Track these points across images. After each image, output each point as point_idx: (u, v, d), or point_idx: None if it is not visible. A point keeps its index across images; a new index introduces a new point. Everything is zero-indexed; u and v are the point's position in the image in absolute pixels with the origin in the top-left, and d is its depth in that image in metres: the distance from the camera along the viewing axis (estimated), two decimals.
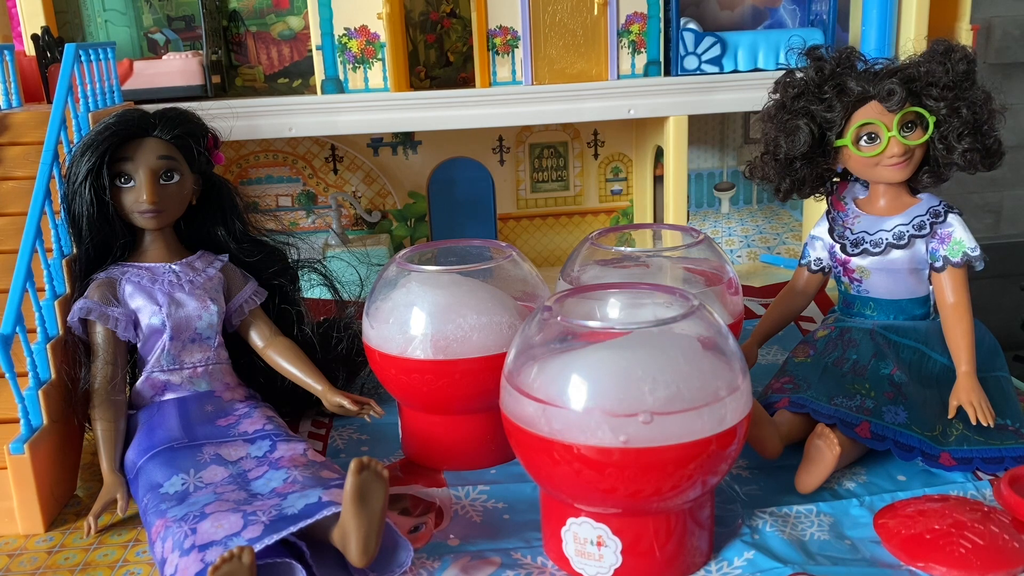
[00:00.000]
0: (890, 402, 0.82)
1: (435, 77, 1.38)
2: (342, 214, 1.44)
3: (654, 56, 1.25)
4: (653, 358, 0.63)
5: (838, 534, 0.73)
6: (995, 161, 0.88)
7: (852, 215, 0.91)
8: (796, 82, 0.89)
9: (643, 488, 0.63)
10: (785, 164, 0.90)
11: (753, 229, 1.51)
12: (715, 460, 0.64)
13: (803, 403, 0.83)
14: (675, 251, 0.94)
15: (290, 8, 1.34)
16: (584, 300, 0.75)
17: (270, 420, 0.84)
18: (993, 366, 0.89)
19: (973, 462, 0.80)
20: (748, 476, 0.83)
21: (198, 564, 0.63)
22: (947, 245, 0.86)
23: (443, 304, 0.82)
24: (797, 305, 0.97)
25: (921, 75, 0.85)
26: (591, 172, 1.47)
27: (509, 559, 0.71)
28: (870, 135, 0.86)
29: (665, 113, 1.26)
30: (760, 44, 1.26)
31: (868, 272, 0.90)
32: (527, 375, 0.66)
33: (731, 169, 1.49)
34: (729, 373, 0.65)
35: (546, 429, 0.63)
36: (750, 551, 0.71)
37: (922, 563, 0.68)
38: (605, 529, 0.66)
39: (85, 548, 0.75)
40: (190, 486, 0.74)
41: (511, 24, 1.22)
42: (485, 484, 0.83)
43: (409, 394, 0.85)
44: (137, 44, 1.33)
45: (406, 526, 0.76)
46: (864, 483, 0.81)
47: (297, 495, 0.69)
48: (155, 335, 0.86)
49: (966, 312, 0.85)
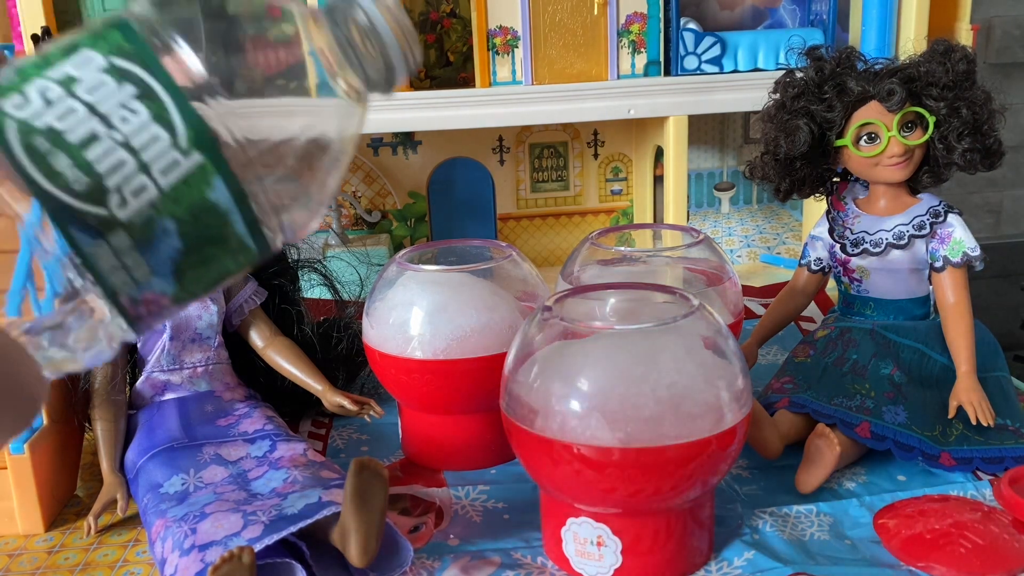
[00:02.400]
0: (890, 402, 0.82)
1: (435, 77, 1.38)
2: (342, 214, 1.44)
3: (654, 56, 1.25)
4: (653, 358, 0.63)
5: (838, 534, 0.73)
6: (995, 161, 0.87)
7: (852, 215, 0.91)
8: (796, 82, 0.89)
9: (643, 488, 0.63)
10: (785, 164, 0.90)
11: (753, 229, 1.51)
12: (715, 460, 0.64)
13: (803, 403, 0.83)
14: (675, 251, 0.94)
15: None
16: (584, 300, 0.75)
17: (270, 420, 0.84)
18: (993, 366, 0.88)
19: (973, 462, 0.80)
20: (748, 476, 0.83)
21: (198, 564, 0.63)
22: (947, 245, 0.86)
23: (443, 304, 0.82)
24: (797, 305, 0.97)
25: (921, 75, 0.85)
26: (591, 172, 1.47)
27: (509, 559, 0.71)
28: (870, 135, 0.86)
29: (665, 113, 1.26)
30: (760, 44, 1.26)
31: (868, 272, 0.90)
32: (527, 375, 0.66)
33: (731, 169, 1.49)
34: (729, 373, 0.65)
35: (546, 429, 0.63)
36: (750, 551, 0.71)
37: (922, 563, 0.68)
38: (605, 529, 0.66)
39: (85, 548, 0.75)
40: (190, 486, 0.74)
41: (511, 24, 1.22)
42: (485, 484, 0.83)
43: (409, 394, 0.85)
44: None
45: (406, 526, 0.76)
46: (864, 483, 0.81)
47: (297, 495, 0.69)
48: (155, 335, 0.85)
49: (966, 312, 0.85)
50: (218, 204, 0.25)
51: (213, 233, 0.26)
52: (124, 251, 0.24)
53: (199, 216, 0.25)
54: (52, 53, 0.25)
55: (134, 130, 0.24)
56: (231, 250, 0.26)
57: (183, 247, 0.25)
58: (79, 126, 0.24)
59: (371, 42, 0.28)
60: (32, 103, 0.24)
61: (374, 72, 0.29)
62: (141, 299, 0.26)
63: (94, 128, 0.24)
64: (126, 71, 0.24)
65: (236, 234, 0.26)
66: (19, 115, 0.24)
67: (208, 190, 0.25)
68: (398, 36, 0.28)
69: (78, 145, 0.24)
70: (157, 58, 0.25)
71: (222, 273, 0.27)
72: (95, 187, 0.24)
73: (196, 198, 0.25)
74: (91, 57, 0.25)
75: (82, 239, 0.24)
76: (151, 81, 0.25)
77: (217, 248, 0.26)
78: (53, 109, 0.24)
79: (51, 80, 0.24)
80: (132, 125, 0.24)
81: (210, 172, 0.25)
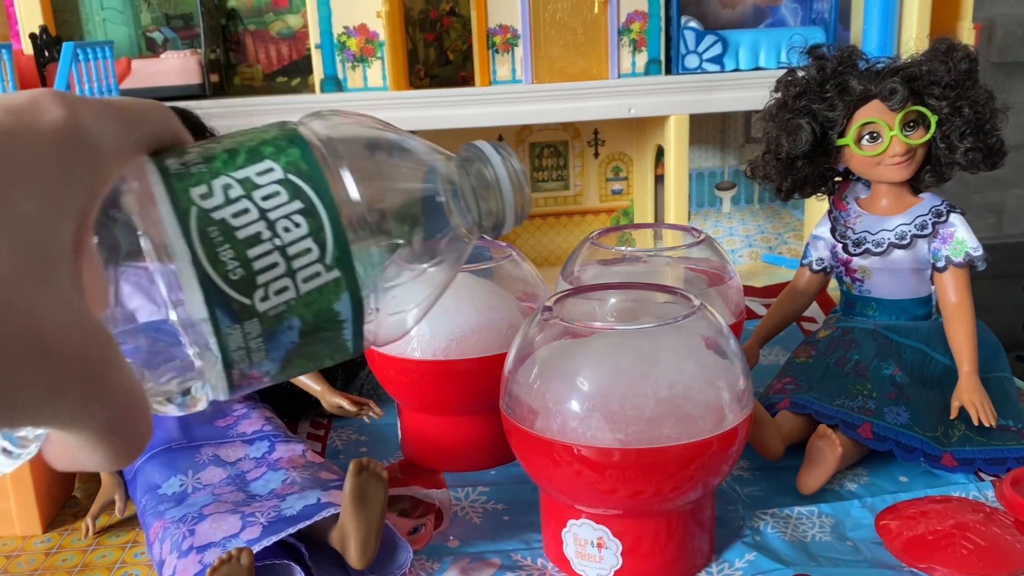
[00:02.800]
0: (892, 403, 0.82)
1: (435, 76, 1.38)
2: None
3: (655, 55, 1.24)
4: (654, 358, 0.63)
5: (840, 535, 0.73)
6: (997, 160, 0.87)
7: (854, 215, 0.91)
8: (798, 81, 0.88)
9: (644, 489, 0.62)
10: (787, 163, 0.89)
11: (754, 229, 1.51)
12: (716, 461, 0.63)
13: (805, 404, 0.82)
14: (676, 251, 0.94)
15: (289, 6, 1.33)
16: (584, 300, 0.74)
17: (268, 421, 0.83)
18: (995, 366, 0.88)
19: (975, 463, 0.80)
20: (749, 477, 0.83)
21: (196, 566, 0.63)
22: (949, 245, 0.86)
23: (443, 304, 0.81)
24: (799, 305, 0.96)
25: (923, 74, 0.85)
26: (591, 171, 1.47)
27: (509, 561, 0.71)
28: (872, 134, 0.86)
29: (666, 112, 1.25)
30: (761, 43, 1.25)
31: (870, 272, 0.89)
32: (527, 375, 0.66)
33: (732, 168, 1.49)
34: (731, 374, 0.64)
35: (546, 430, 0.63)
36: (751, 552, 0.70)
37: (924, 564, 0.67)
38: (606, 531, 0.66)
39: (83, 549, 0.75)
40: (188, 487, 0.74)
41: (511, 23, 1.21)
42: (485, 485, 0.83)
43: (408, 395, 0.85)
44: (135, 43, 1.32)
45: (405, 527, 0.76)
46: (866, 484, 0.81)
47: (296, 496, 0.69)
48: None
49: (968, 312, 0.85)
50: (340, 313, 0.29)
51: (326, 335, 0.30)
52: (252, 336, 0.28)
53: (321, 320, 0.29)
54: (239, 154, 0.29)
55: (292, 240, 0.28)
56: (333, 349, 0.31)
57: (298, 342, 0.29)
58: (249, 226, 0.28)
59: (492, 196, 0.33)
60: (215, 196, 0.28)
61: (486, 220, 0.33)
62: (248, 374, 0.29)
63: (260, 231, 0.28)
64: (298, 188, 0.29)
65: (343, 338, 0.30)
66: (202, 204, 0.27)
67: (336, 301, 0.29)
68: (516, 196, 0.33)
69: (244, 242, 0.27)
70: (327, 183, 0.29)
71: (318, 364, 0.31)
72: (248, 280, 0.27)
73: (324, 306, 0.29)
74: (271, 168, 0.29)
75: (223, 319, 0.27)
76: (316, 203, 0.29)
77: (324, 346, 0.30)
78: (231, 207, 0.28)
79: (235, 180, 0.28)
80: (292, 236, 0.28)
81: (342, 287, 0.29)
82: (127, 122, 0.27)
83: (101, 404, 0.24)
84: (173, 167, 0.28)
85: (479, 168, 0.33)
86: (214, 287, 0.27)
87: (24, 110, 0.24)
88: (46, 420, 0.23)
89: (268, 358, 0.29)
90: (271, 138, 0.30)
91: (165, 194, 0.28)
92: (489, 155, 0.33)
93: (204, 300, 0.27)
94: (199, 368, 0.29)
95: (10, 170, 0.23)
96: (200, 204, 0.27)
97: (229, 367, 0.29)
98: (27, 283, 0.22)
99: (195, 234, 0.27)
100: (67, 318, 0.23)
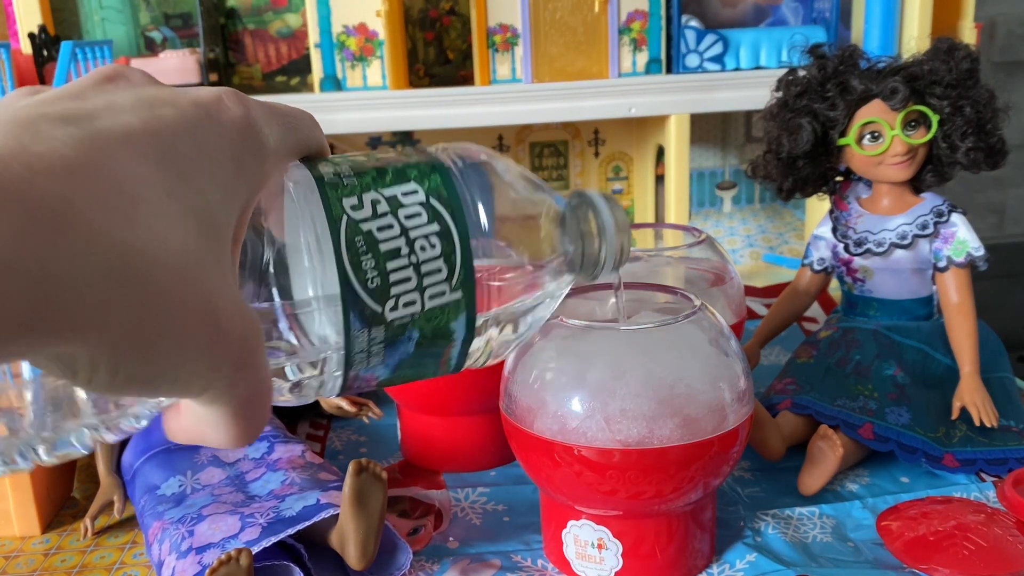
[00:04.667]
0: (893, 403, 0.82)
1: (434, 75, 1.38)
2: None
3: (655, 54, 1.24)
4: (655, 359, 0.63)
5: (841, 536, 0.73)
6: (999, 160, 0.87)
7: (855, 214, 0.91)
8: (799, 80, 0.88)
9: (644, 490, 0.62)
10: (788, 163, 0.89)
11: (755, 229, 1.51)
12: (717, 462, 0.63)
13: (806, 404, 0.82)
14: (677, 251, 0.94)
15: (288, 6, 1.33)
16: (584, 300, 0.74)
17: (268, 421, 0.83)
18: (997, 367, 0.88)
19: (977, 464, 0.80)
20: (750, 478, 0.82)
21: (195, 566, 0.63)
22: (951, 245, 0.86)
23: None
24: (800, 305, 0.96)
25: (924, 73, 0.84)
26: (591, 171, 1.47)
27: (509, 562, 0.70)
28: (873, 134, 0.85)
29: (666, 111, 1.25)
30: (762, 42, 1.25)
31: (871, 272, 0.89)
32: (527, 376, 0.66)
33: (733, 168, 1.48)
34: (731, 374, 0.64)
35: (546, 430, 0.63)
36: (752, 553, 0.70)
37: (925, 565, 0.67)
38: (606, 532, 0.66)
39: (82, 550, 0.75)
40: (187, 488, 0.74)
41: (511, 22, 1.21)
42: (485, 486, 0.82)
43: (408, 395, 0.85)
44: (134, 42, 1.32)
45: (405, 528, 0.75)
46: (867, 485, 0.80)
47: (295, 497, 0.69)
48: None
49: (970, 312, 0.85)
50: (455, 332, 0.32)
51: (436, 350, 0.32)
52: (376, 341, 0.31)
53: (437, 336, 0.32)
54: (388, 173, 0.31)
55: (426, 259, 0.31)
56: (440, 364, 0.33)
57: (412, 353, 0.32)
58: (391, 240, 0.30)
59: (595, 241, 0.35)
60: (364, 209, 0.30)
61: (587, 262, 0.36)
62: (362, 376, 0.32)
63: (400, 246, 0.30)
64: (438, 212, 0.31)
65: (451, 355, 0.33)
66: (353, 215, 0.30)
67: (454, 320, 0.32)
68: (617, 243, 0.36)
69: (384, 254, 0.30)
70: (463, 210, 0.32)
71: (421, 376, 0.34)
72: (383, 290, 0.30)
73: (443, 323, 0.32)
74: (416, 190, 0.31)
75: (355, 322, 0.30)
76: (452, 228, 0.31)
77: (433, 360, 0.33)
78: (377, 220, 0.30)
79: (383, 197, 0.31)
80: (427, 255, 0.31)
81: (461, 308, 0.32)
82: (287, 126, 0.29)
83: (245, 385, 0.26)
84: (327, 176, 0.31)
85: (587, 211, 0.36)
86: (352, 292, 0.30)
87: (211, 105, 0.26)
88: (197, 392, 0.25)
89: (384, 364, 0.32)
90: (415, 163, 0.32)
91: (319, 200, 0.30)
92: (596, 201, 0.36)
93: (342, 301, 0.30)
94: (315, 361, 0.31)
95: (200, 158, 0.25)
96: (351, 214, 0.30)
97: (349, 367, 0.31)
98: (209, 264, 0.24)
99: (343, 241, 0.29)
100: (235, 301, 0.24)
